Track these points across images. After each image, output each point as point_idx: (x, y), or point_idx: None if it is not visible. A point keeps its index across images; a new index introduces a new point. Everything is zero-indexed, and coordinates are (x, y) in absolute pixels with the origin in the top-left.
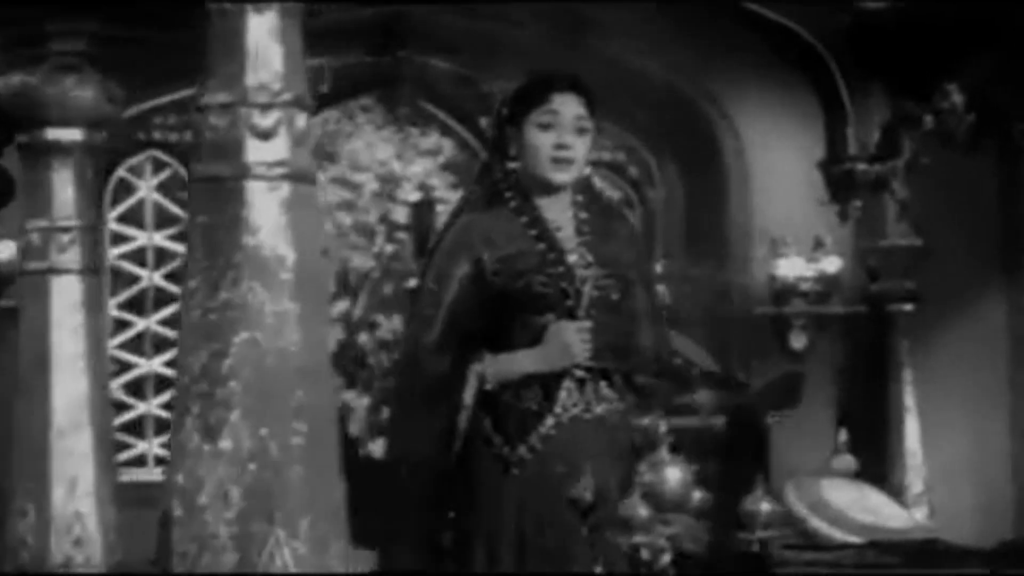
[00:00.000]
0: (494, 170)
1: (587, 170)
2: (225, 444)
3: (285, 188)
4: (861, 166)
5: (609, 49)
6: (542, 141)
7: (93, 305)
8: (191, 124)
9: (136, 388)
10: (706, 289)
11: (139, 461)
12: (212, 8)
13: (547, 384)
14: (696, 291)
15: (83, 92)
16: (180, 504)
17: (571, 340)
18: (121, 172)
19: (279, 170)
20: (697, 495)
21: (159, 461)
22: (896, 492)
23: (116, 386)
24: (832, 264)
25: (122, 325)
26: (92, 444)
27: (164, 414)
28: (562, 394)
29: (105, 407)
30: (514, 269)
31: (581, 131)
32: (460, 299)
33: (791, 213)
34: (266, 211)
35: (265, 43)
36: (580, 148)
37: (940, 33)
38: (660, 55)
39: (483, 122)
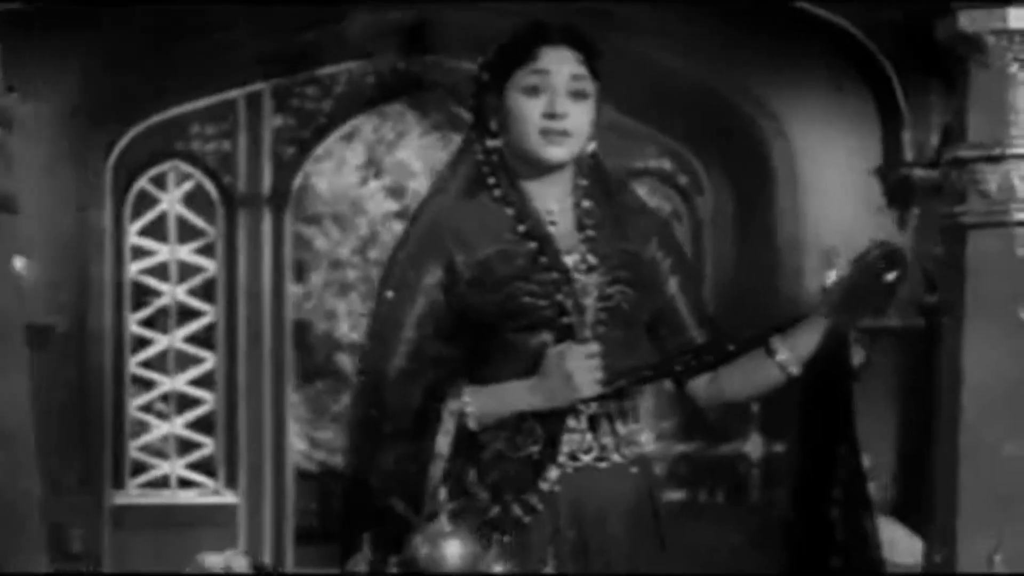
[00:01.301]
0: (475, 149)
1: (591, 145)
2: None
3: None
4: (919, 171)
5: (649, 52)
6: (529, 109)
7: None
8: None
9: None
10: None
11: (161, 482)
12: None
13: (549, 424)
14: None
15: None
16: None
17: (574, 368)
18: (142, 183)
19: None
20: (497, 569)
21: (183, 483)
22: None
23: (137, 405)
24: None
25: (143, 343)
26: None
27: (188, 434)
28: (570, 437)
29: None
30: (494, 275)
31: (578, 95)
32: (428, 315)
33: (845, 221)
34: None
35: None
36: (578, 116)
37: None
38: (701, 57)
39: None
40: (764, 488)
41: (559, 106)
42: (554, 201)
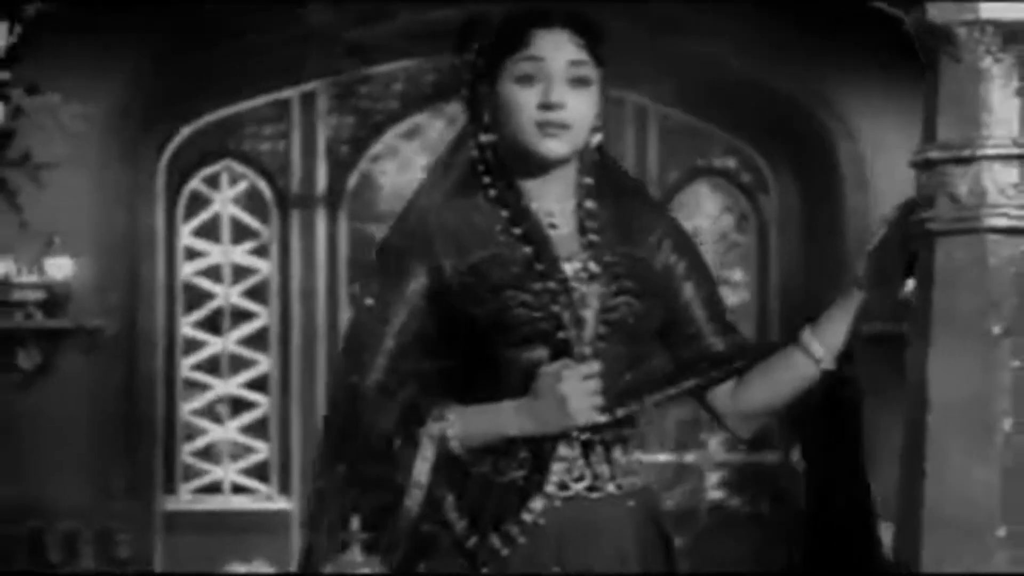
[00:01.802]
0: (469, 144)
1: (596, 138)
2: None
3: None
4: None
5: (713, 51)
6: (523, 100)
7: None
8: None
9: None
10: None
11: (214, 488)
12: None
13: (537, 448)
14: None
15: None
16: None
17: (569, 392)
18: (195, 183)
19: None
20: None
21: (236, 488)
22: None
23: (189, 409)
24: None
25: (196, 345)
26: None
27: (241, 439)
28: (558, 465)
29: None
30: (485, 283)
31: (578, 82)
32: (411, 325)
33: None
34: None
35: None
36: (578, 107)
37: None
38: (765, 56)
39: None
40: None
41: (556, 95)
42: (555, 201)
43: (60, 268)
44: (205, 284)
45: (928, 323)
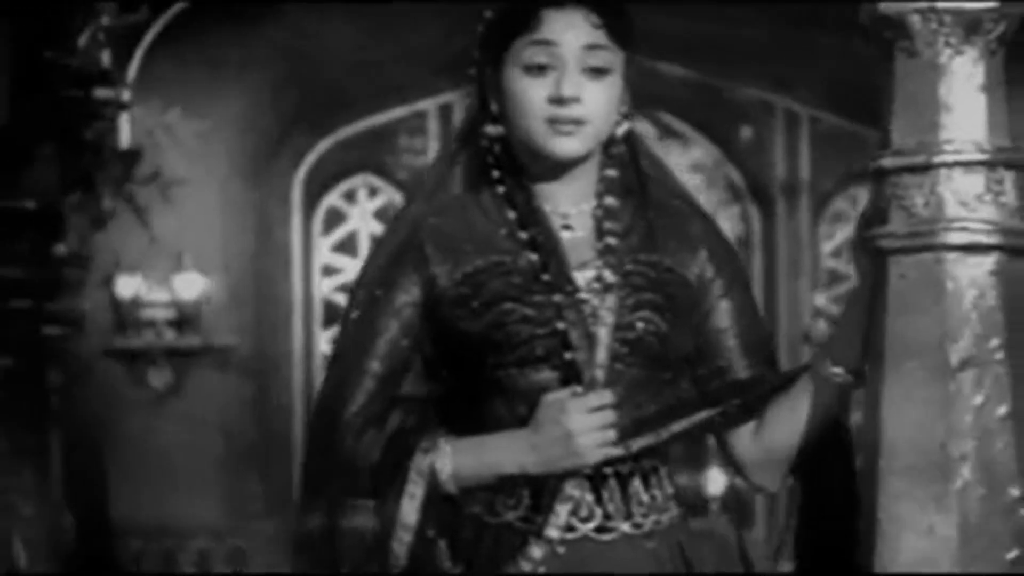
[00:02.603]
0: (477, 136)
1: (622, 128)
2: None
3: None
4: None
5: (857, 49)
6: (532, 92)
7: None
8: None
9: None
10: None
11: None
12: None
13: (539, 485)
14: None
15: None
16: None
17: (576, 426)
18: (332, 198)
19: None
20: None
21: None
22: None
23: None
24: None
25: None
26: None
27: None
28: (563, 507)
29: None
30: (483, 294)
31: (595, 72)
32: (401, 343)
33: None
34: None
35: None
36: (596, 99)
37: None
38: None
39: (743, 131)
40: None
41: (569, 88)
42: (570, 202)
43: (190, 285)
44: (344, 301)
45: (881, 353)
